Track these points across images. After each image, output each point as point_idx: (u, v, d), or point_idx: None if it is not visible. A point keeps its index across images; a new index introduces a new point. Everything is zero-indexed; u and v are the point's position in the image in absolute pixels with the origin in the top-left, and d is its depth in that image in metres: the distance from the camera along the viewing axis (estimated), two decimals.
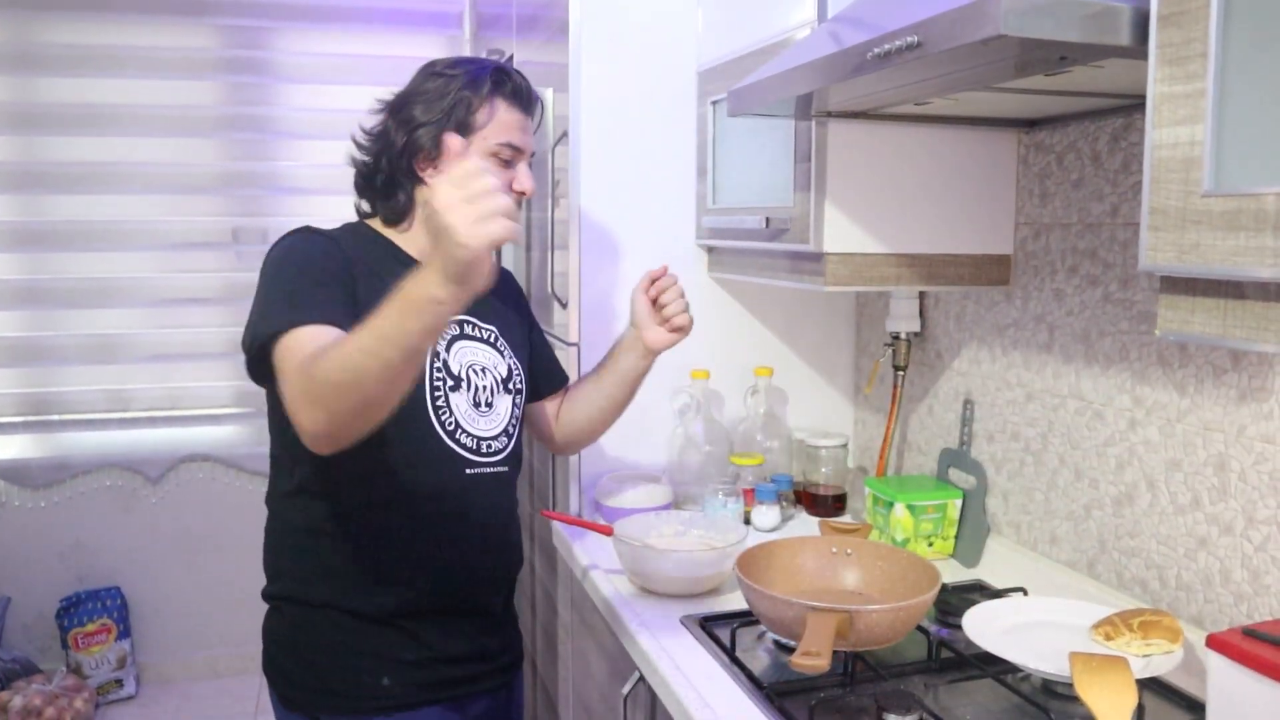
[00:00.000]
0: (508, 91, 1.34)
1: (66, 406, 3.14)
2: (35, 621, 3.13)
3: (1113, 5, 0.89)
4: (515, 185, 1.35)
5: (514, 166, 1.36)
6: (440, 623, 1.35)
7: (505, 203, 0.93)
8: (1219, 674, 1.01)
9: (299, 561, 1.35)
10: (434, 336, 1.02)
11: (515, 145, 1.35)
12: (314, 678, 1.33)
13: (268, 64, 3.18)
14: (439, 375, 1.33)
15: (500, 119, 1.33)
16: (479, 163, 0.96)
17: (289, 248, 1.29)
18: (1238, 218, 0.79)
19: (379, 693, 1.31)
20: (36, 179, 3.05)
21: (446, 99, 1.32)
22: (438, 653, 1.35)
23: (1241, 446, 1.22)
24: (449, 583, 1.35)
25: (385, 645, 1.32)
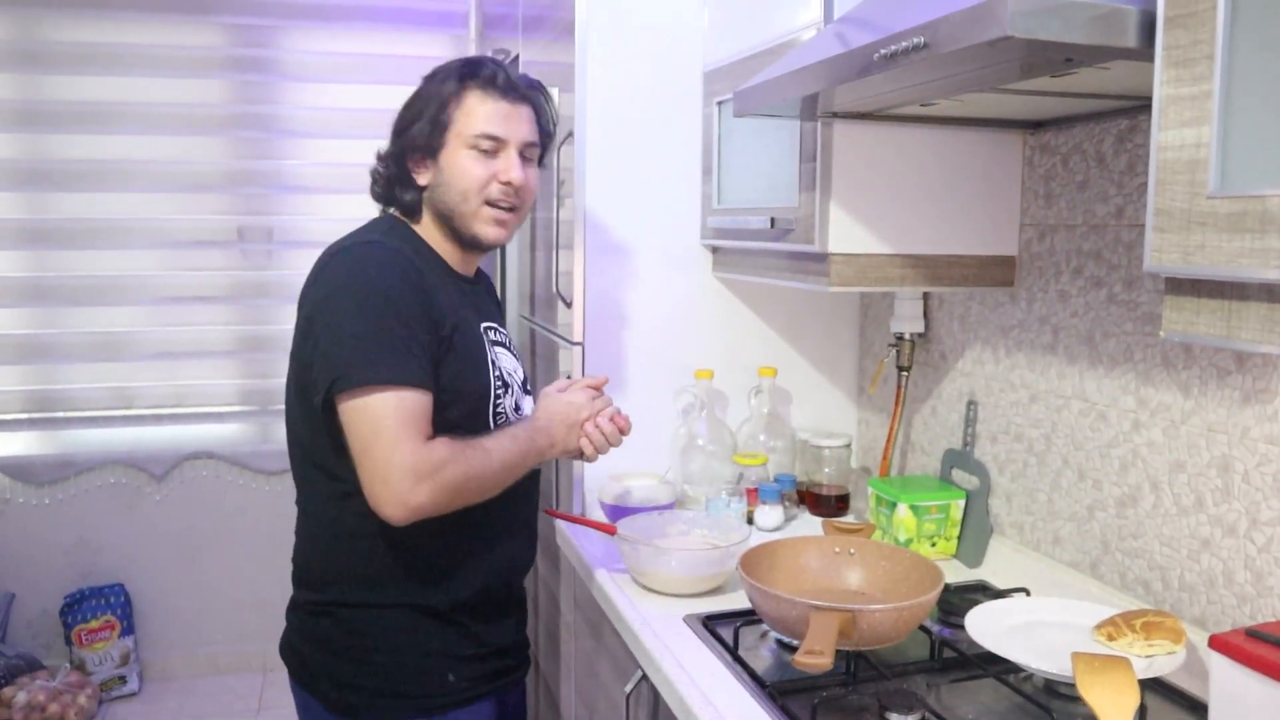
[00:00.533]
0: (479, 82, 1.33)
1: (71, 404, 3.14)
2: (39, 618, 3.14)
3: (1120, 7, 0.90)
4: (500, 175, 1.33)
5: (498, 156, 1.34)
6: (489, 616, 1.38)
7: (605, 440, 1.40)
8: (1221, 675, 1.01)
9: (357, 565, 1.31)
10: None
11: (493, 135, 1.32)
12: (376, 680, 1.30)
13: (273, 62, 3.19)
14: (499, 383, 1.36)
15: (472, 110, 1.32)
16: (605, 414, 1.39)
17: (366, 266, 1.25)
18: (1243, 219, 0.80)
19: (447, 689, 1.33)
20: (42, 176, 3.06)
21: (427, 99, 1.34)
22: (489, 646, 1.38)
23: (1245, 448, 1.22)
24: (497, 576, 1.39)
25: (446, 642, 1.33)
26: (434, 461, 1.18)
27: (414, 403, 1.19)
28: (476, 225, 1.35)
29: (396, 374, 1.19)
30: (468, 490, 1.23)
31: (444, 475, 1.19)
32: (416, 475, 1.17)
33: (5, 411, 3.11)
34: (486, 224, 1.35)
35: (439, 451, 1.20)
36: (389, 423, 1.17)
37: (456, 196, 1.33)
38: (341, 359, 1.20)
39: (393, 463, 1.16)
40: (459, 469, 1.20)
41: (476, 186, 1.33)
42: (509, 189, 1.34)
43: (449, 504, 1.22)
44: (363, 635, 1.31)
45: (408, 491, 1.17)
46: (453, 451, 1.21)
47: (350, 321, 1.21)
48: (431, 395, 1.23)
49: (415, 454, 1.17)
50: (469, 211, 1.34)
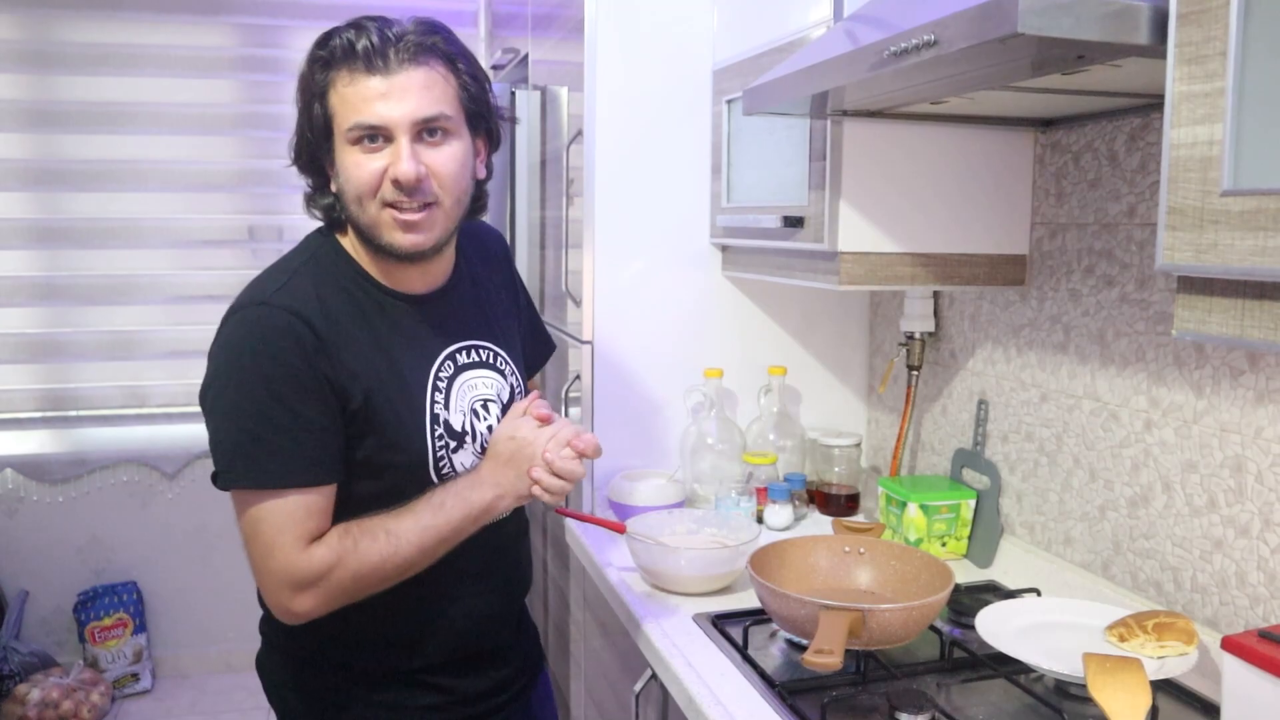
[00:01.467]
0: (340, 61, 1.06)
1: (84, 402, 3.16)
2: (52, 615, 3.16)
3: (1132, 4, 0.89)
4: (390, 173, 1.08)
5: (382, 147, 1.08)
6: (456, 669, 1.25)
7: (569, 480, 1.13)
8: (1234, 676, 1.00)
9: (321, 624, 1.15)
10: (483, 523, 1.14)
11: (367, 124, 1.07)
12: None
13: (284, 62, 3.20)
14: (440, 441, 1.17)
15: (341, 96, 1.07)
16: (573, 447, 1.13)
17: (248, 341, 1.07)
18: (1256, 217, 0.79)
19: None
20: (54, 176, 3.08)
21: (301, 89, 1.12)
22: (457, 696, 1.26)
23: (1258, 448, 1.21)
24: (462, 636, 1.25)
25: (402, 696, 1.23)
26: (314, 570, 1.06)
27: (294, 505, 1.06)
28: (383, 234, 1.11)
29: (274, 476, 1.06)
30: (366, 585, 1.09)
31: (328, 582, 1.07)
32: (294, 585, 1.07)
33: (19, 410, 3.13)
34: (393, 230, 1.11)
35: (319, 557, 1.06)
36: (263, 528, 1.07)
37: (354, 204, 1.11)
38: (223, 454, 1.09)
39: (269, 572, 1.07)
40: (346, 572, 1.07)
41: (367, 189, 1.09)
42: (401, 188, 1.08)
43: (346, 603, 1.10)
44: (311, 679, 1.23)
45: (289, 601, 1.07)
46: (339, 553, 1.07)
47: (230, 413, 1.08)
48: (324, 486, 1.09)
49: (290, 564, 1.06)
50: (370, 220, 1.11)
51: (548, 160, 2.25)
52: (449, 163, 1.11)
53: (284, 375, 1.06)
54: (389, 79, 1.06)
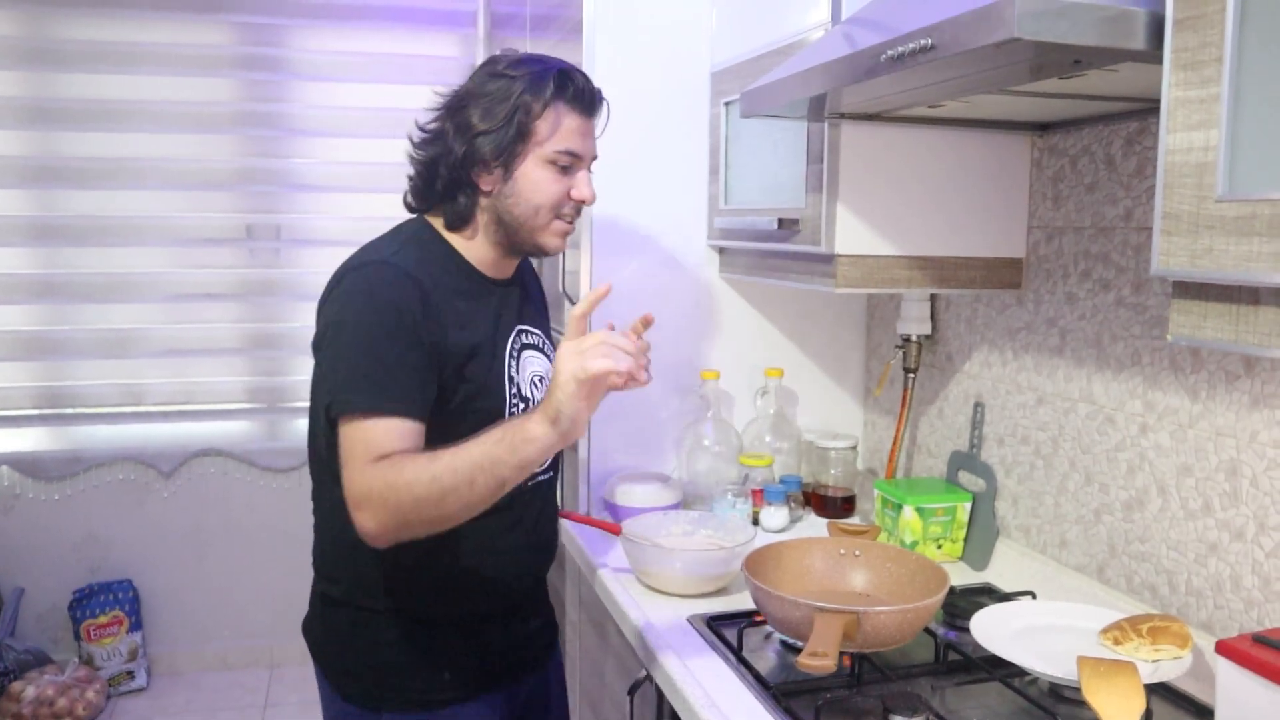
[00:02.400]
0: (569, 96, 1.28)
1: (80, 400, 3.16)
2: (48, 613, 3.16)
3: (1128, 9, 0.89)
4: (574, 193, 1.30)
5: (573, 173, 1.30)
6: (495, 622, 1.37)
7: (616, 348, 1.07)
8: (1228, 680, 1.00)
9: (358, 568, 1.31)
10: (527, 472, 1.11)
11: (574, 152, 1.29)
12: (375, 674, 1.33)
13: (283, 61, 3.19)
14: (514, 400, 1.32)
15: (559, 125, 1.27)
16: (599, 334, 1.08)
17: (369, 290, 1.22)
18: (1251, 223, 0.79)
19: (442, 687, 1.33)
20: (52, 174, 3.07)
21: (507, 104, 1.25)
22: (493, 649, 1.37)
23: (1253, 452, 1.22)
24: (504, 588, 1.36)
25: (445, 646, 1.33)
26: (366, 486, 1.12)
27: (380, 430, 1.15)
28: (543, 237, 1.32)
29: (377, 403, 1.16)
30: (424, 507, 1.11)
31: (385, 501, 1.11)
32: (354, 502, 1.13)
33: (15, 407, 3.13)
34: (554, 236, 1.33)
35: (370, 474, 1.13)
36: (348, 448, 1.16)
37: (528, 210, 1.30)
38: (338, 384, 1.19)
39: (349, 489, 1.15)
40: (397, 490, 1.11)
41: (551, 203, 1.30)
42: (581, 205, 1.32)
43: (403, 524, 1.12)
44: (366, 632, 1.33)
45: (356, 518, 1.13)
46: (387, 471, 1.12)
47: (350, 348, 1.20)
48: (410, 420, 1.17)
49: (351, 481, 1.14)
50: (539, 225, 1.31)
51: None
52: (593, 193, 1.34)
53: (395, 321, 1.20)
54: (590, 121, 1.31)
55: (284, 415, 3.30)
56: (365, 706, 1.33)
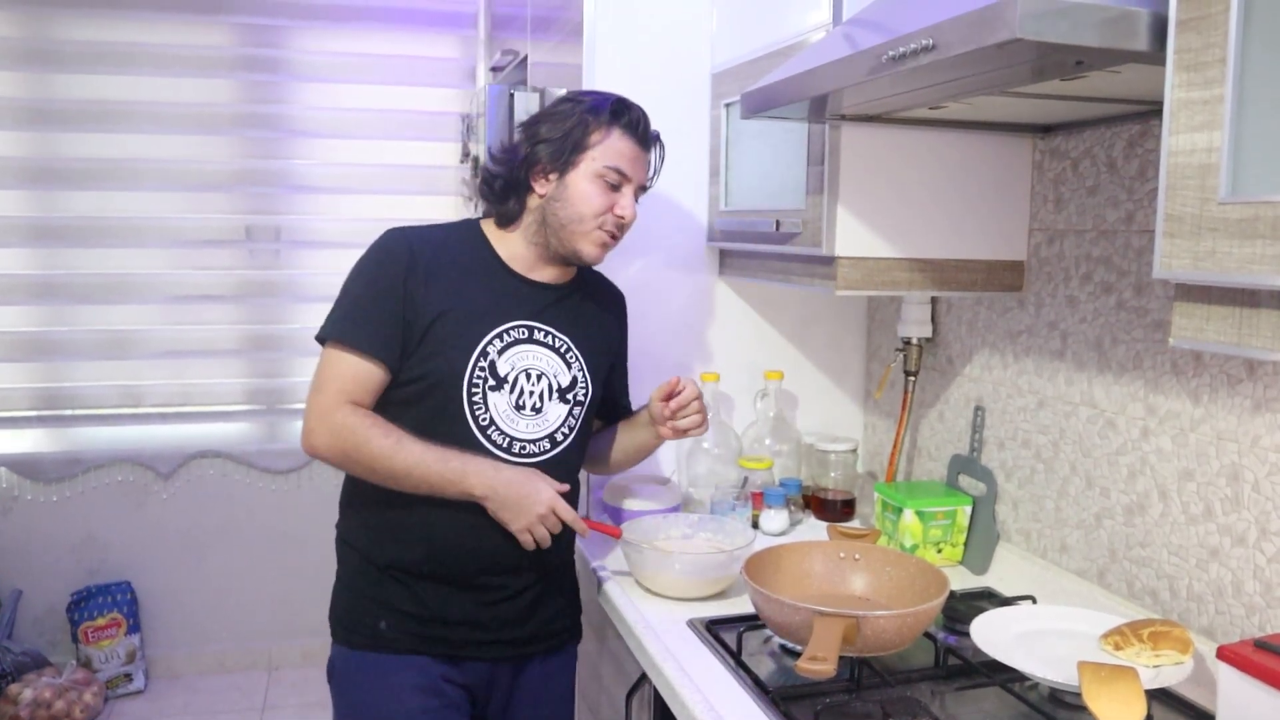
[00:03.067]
0: (624, 121, 1.45)
1: (79, 401, 3.15)
2: (46, 615, 3.15)
3: (1130, 9, 0.89)
4: (616, 209, 1.45)
5: (619, 191, 1.45)
6: (438, 587, 1.45)
7: (548, 527, 1.41)
8: (1229, 686, 1.00)
9: (343, 509, 1.54)
10: None
11: (621, 170, 1.44)
12: (336, 611, 1.52)
13: (283, 62, 3.19)
14: (480, 374, 1.43)
15: (612, 144, 1.44)
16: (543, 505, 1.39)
17: (371, 248, 1.45)
18: (1254, 225, 0.79)
19: (375, 632, 1.46)
20: (52, 175, 3.07)
21: (570, 119, 1.44)
22: (433, 612, 1.45)
23: (1255, 457, 1.21)
24: (450, 556, 1.44)
25: (384, 594, 1.46)
26: (337, 420, 1.37)
27: (348, 365, 1.39)
28: (581, 244, 1.46)
29: (346, 335, 1.39)
30: (359, 461, 1.38)
31: (340, 437, 1.37)
32: (318, 419, 1.38)
33: (13, 409, 3.12)
34: (592, 245, 1.46)
35: (346, 413, 1.37)
36: (322, 372, 1.41)
37: (572, 216, 1.44)
38: (327, 316, 1.43)
39: (311, 403, 1.40)
40: (355, 438, 1.36)
41: (594, 213, 1.44)
42: (621, 221, 1.46)
43: (344, 464, 1.40)
44: (340, 567, 1.53)
45: (310, 432, 1.39)
46: (358, 424, 1.37)
47: (343, 289, 1.44)
48: (375, 361, 1.39)
49: (325, 405, 1.38)
50: (580, 232, 1.45)
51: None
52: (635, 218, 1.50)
53: (375, 273, 1.42)
54: (642, 152, 1.48)
55: (283, 417, 3.29)
56: (333, 635, 1.52)
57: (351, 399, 1.39)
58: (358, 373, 1.39)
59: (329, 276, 3.24)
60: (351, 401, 1.39)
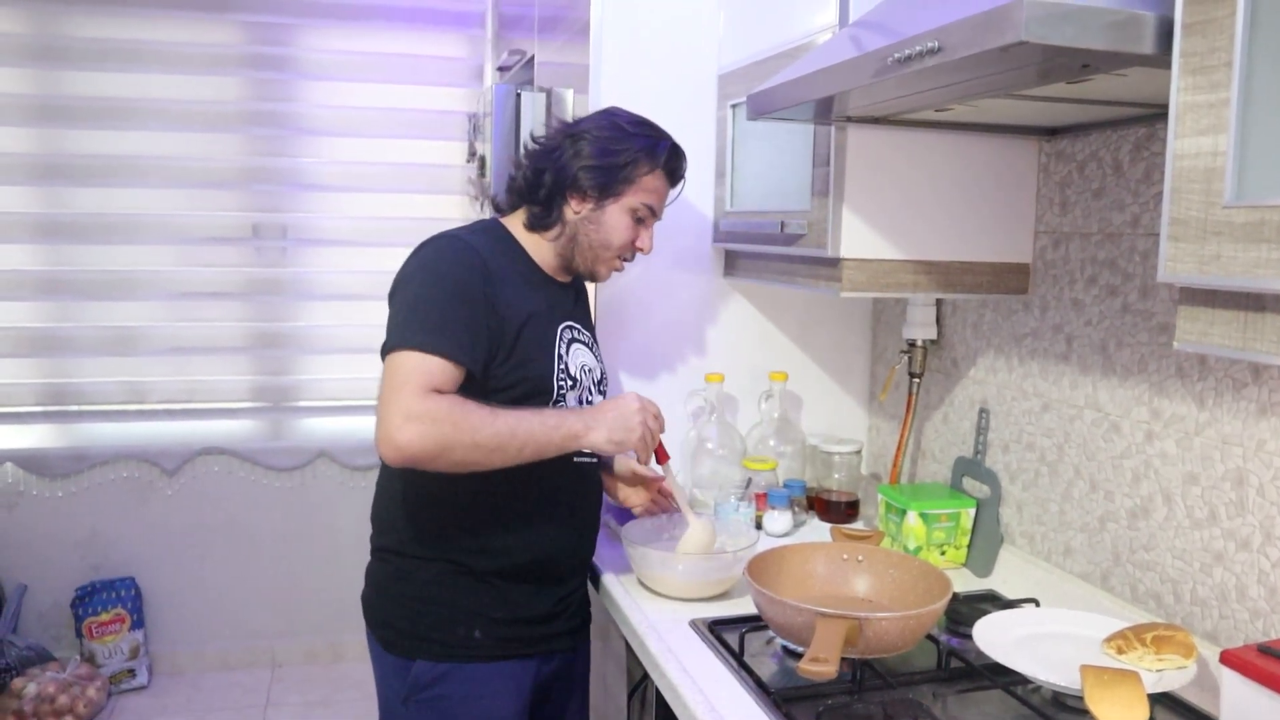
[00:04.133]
0: (671, 167, 1.50)
1: (85, 398, 3.16)
2: (50, 610, 3.16)
3: (1137, 13, 0.89)
4: (638, 243, 1.51)
5: (645, 224, 1.50)
6: (526, 586, 1.45)
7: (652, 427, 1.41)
8: (1233, 691, 1.00)
9: (411, 519, 1.44)
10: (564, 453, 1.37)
11: (654, 209, 1.50)
12: (412, 624, 1.44)
13: (290, 60, 3.20)
14: (562, 374, 1.45)
15: (653, 187, 1.49)
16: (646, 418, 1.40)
17: (437, 256, 1.39)
18: (1260, 229, 0.79)
19: (471, 643, 1.42)
20: (59, 171, 3.08)
21: (624, 153, 1.45)
22: (522, 613, 1.45)
23: (1260, 461, 1.21)
24: (541, 554, 1.45)
25: (479, 602, 1.43)
26: (427, 407, 1.26)
27: (436, 367, 1.29)
28: (599, 267, 1.51)
29: (430, 341, 1.30)
30: (460, 440, 1.27)
31: (434, 423, 1.25)
32: (406, 416, 1.25)
33: (19, 404, 3.13)
34: (608, 269, 1.52)
35: (434, 400, 1.27)
36: (399, 374, 1.29)
37: (600, 244, 1.48)
38: (396, 327, 1.34)
39: (390, 404, 1.27)
40: (451, 419, 1.26)
41: (621, 245, 1.49)
42: (640, 253, 1.53)
43: (439, 451, 1.26)
44: (406, 581, 1.45)
45: (396, 430, 1.25)
46: (451, 403, 1.28)
47: (412, 299, 1.35)
48: (462, 370, 1.32)
49: (410, 398, 1.26)
50: (603, 258, 1.50)
51: None
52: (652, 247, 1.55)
53: (458, 282, 1.36)
54: (672, 192, 1.53)
55: (288, 414, 3.30)
56: (401, 654, 1.44)
57: (434, 389, 1.30)
58: (442, 369, 1.30)
59: (336, 274, 3.25)
60: (435, 390, 1.30)
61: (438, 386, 1.29)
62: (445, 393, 1.30)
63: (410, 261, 1.41)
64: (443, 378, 1.30)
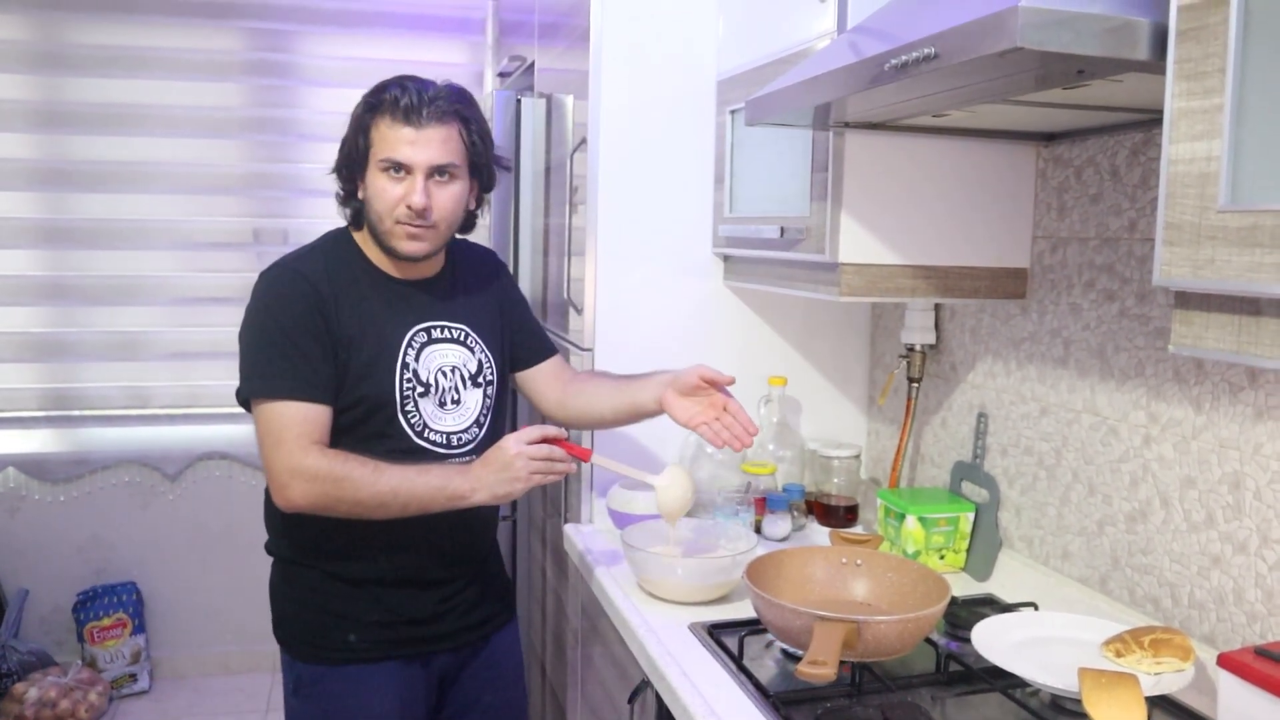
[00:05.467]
0: (384, 108, 1.39)
1: (87, 402, 3.17)
2: (52, 614, 3.17)
3: (1131, 20, 0.89)
4: (405, 200, 1.39)
5: (405, 180, 1.40)
6: (404, 590, 1.49)
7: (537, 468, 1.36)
8: (1230, 694, 1.00)
9: (287, 529, 1.49)
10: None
11: (396, 160, 1.39)
12: (295, 626, 1.51)
13: (292, 67, 3.21)
14: (409, 383, 1.45)
15: (383, 135, 1.39)
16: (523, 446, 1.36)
17: (268, 299, 1.41)
18: (1254, 234, 0.79)
19: (346, 646, 1.47)
20: (62, 177, 3.09)
21: (351, 121, 1.44)
22: (399, 615, 1.49)
23: (1257, 465, 1.21)
24: (413, 558, 1.48)
25: (353, 606, 1.47)
26: (308, 464, 1.34)
27: (295, 412, 1.36)
28: (393, 240, 1.44)
29: (279, 388, 1.36)
30: (344, 499, 1.35)
31: (321, 481, 1.34)
32: (291, 473, 1.34)
33: (22, 409, 3.14)
34: (402, 240, 1.43)
35: (317, 456, 1.34)
36: (272, 427, 1.36)
37: (374, 216, 1.43)
38: (243, 373, 1.41)
39: (275, 460, 1.35)
40: (334, 479, 1.33)
41: (388, 208, 1.41)
42: (413, 211, 1.40)
43: (328, 507, 1.36)
44: (289, 584, 1.52)
45: (284, 486, 1.35)
46: (333, 462, 1.34)
47: (250, 343, 1.41)
48: (318, 403, 1.38)
49: (292, 456, 1.34)
50: (385, 229, 1.43)
51: (552, 168, 2.25)
52: (448, 200, 1.44)
53: (287, 317, 1.38)
54: (418, 131, 1.39)
55: None
56: (290, 654, 1.51)
57: (314, 442, 1.36)
58: (309, 416, 1.36)
59: None
60: (315, 443, 1.36)
61: (313, 434, 1.36)
62: (321, 443, 1.37)
63: (250, 301, 1.43)
64: (313, 422, 1.36)
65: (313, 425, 1.36)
